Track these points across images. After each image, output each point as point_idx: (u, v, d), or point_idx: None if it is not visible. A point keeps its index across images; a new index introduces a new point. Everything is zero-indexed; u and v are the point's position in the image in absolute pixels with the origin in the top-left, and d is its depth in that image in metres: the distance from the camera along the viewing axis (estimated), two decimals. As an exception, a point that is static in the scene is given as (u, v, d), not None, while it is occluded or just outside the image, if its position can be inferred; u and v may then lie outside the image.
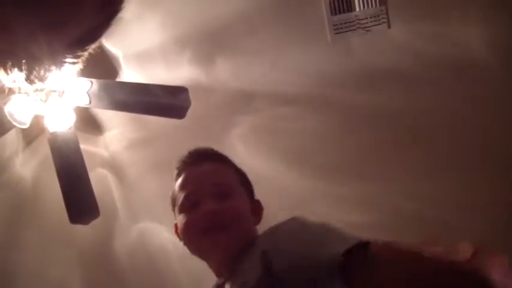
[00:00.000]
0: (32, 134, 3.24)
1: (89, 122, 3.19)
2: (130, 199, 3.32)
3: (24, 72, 1.27)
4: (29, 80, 1.28)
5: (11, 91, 2.39)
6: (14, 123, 2.47)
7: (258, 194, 2.28)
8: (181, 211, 1.60)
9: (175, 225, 1.68)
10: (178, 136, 3.14)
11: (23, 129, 2.96)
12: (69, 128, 2.59)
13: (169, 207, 2.83)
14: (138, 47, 3.03)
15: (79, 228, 2.93)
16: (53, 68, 1.31)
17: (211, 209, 1.49)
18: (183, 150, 3.12)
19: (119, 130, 3.29)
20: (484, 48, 2.79)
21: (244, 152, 3.16)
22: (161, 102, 2.50)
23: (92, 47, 1.37)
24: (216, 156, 1.75)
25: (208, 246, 1.50)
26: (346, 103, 3.01)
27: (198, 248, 1.54)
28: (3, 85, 1.50)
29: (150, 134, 3.23)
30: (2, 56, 1.24)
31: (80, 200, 2.71)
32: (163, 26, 2.97)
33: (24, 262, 3.36)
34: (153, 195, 3.25)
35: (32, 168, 3.38)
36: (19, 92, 2.46)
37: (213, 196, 1.53)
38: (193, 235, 1.52)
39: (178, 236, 1.64)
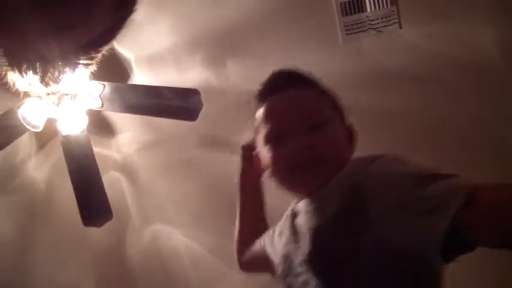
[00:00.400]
0: (45, 138, 3.26)
1: (101, 125, 3.20)
2: (143, 201, 3.33)
3: (38, 74, 1.28)
4: (43, 82, 1.29)
5: (26, 94, 2.41)
6: (27, 127, 2.48)
7: (268, 196, 2.29)
8: (266, 142, 1.45)
9: (256, 155, 1.57)
10: (190, 138, 3.15)
11: (36, 133, 2.98)
12: (82, 131, 2.60)
13: (181, 209, 2.85)
14: (150, 50, 3.05)
15: (92, 230, 2.94)
16: (67, 70, 1.32)
17: (305, 143, 1.34)
18: (196, 153, 3.14)
19: (131, 133, 3.30)
20: (495, 50, 2.78)
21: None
22: (173, 104, 2.50)
23: (105, 49, 1.38)
24: (303, 80, 1.57)
25: (303, 182, 1.37)
26: (357, 104, 3.00)
27: (290, 184, 1.41)
28: (18, 89, 1.51)
29: (162, 137, 3.23)
30: (17, 59, 1.25)
31: (93, 202, 2.72)
32: (175, 28, 2.98)
33: (38, 265, 3.37)
34: (166, 197, 3.26)
35: (45, 171, 3.40)
36: (32, 96, 2.48)
37: (304, 128, 1.38)
38: (285, 170, 1.38)
39: (257, 166, 1.54)
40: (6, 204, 3.40)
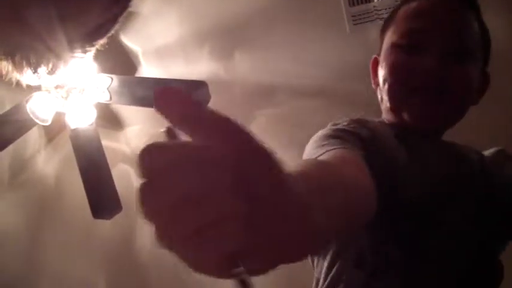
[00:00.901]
0: (54, 131, 3.27)
1: (109, 118, 3.21)
2: (152, 194, 3.33)
3: (32, 66, 1.28)
4: (36, 73, 1.29)
5: (28, 86, 2.42)
6: (36, 121, 2.49)
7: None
8: (395, 46, 1.28)
9: (375, 59, 1.44)
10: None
11: (44, 127, 2.99)
12: (90, 124, 2.60)
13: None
14: (157, 43, 3.04)
15: (102, 223, 2.94)
16: (61, 62, 1.32)
17: (439, 69, 1.20)
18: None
19: (140, 125, 3.30)
20: (507, 39, 2.76)
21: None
22: (181, 97, 2.50)
23: (100, 43, 1.38)
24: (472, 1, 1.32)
25: (414, 111, 1.25)
26: (365, 95, 2.99)
27: (399, 104, 1.29)
28: (19, 80, 1.52)
29: (170, 129, 3.23)
30: (11, 50, 1.25)
31: (102, 195, 2.73)
32: (182, 21, 2.98)
33: (48, 259, 3.39)
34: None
35: (54, 165, 3.40)
36: (41, 90, 2.49)
37: (448, 52, 1.22)
38: (406, 87, 1.25)
39: (374, 69, 1.41)
40: (16, 199, 3.42)
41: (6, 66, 1.45)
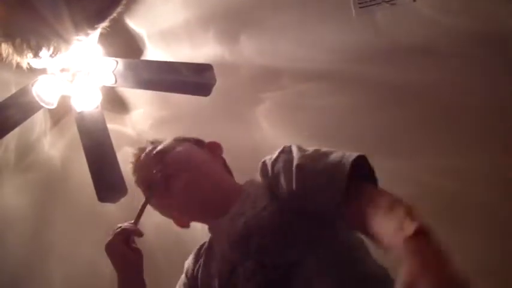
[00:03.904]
0: (59, 115, 3.27)
1: (115, 101, 3.21)
2: (158, 177, 3.34)
3: (32, 49, 1.28)
4: (37, 56, 1.29)
5: (33, 70, 2.43)
6: (42, 104, 2.49)
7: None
8: (147, 194, 1.74)
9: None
10: (204, 113, 3.14)
11: (50, 110, 2.99)
12: (96, 108, 2.61)
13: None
14: (162, 26, 3.04)
15: (107, 207, 2.95)
16: (63, 45, 1.32)
17: (155, 171, 1.61)
18: (209, 127, 3.14)
19: (145, 109, 3.30)
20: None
21: (269, 129, 3.16)
22: (186, 80, 2.50)
23: (102, 26, 1.38)
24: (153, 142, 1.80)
25: (175, 199, 1.62)
26: (371, 78, 2.99)
27: (177, 209, 1.71)
28: (20, 63, 1.51)
29: (176, 112, 3.24)
30: (11, 33, 1.25)
31: (107, 178, 2.74)
32: (187, 3, 2.97)
33: (55, 240, 3.41)
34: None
35: (60, 148, 3.41)
36: (46, 73, 2.49)
37: (154, 167, 1.62)
38: (163, 205, 1.73)
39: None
40: (22, 181, 3.43)
41: (6, 49, 1.45)
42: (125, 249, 1.61)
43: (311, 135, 3.10)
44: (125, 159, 3.05)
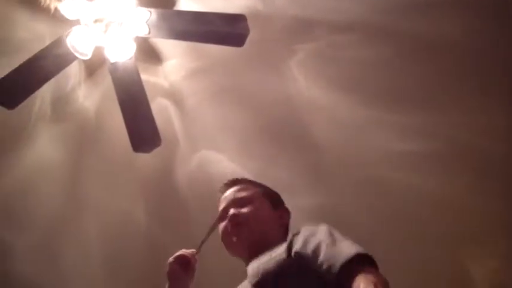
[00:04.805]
0: (93, 66, 3.29)
1: (148, 52, 3.21)
2: (191, 128, 3.35)
3: None
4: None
5: (67, 21, 2.44)
6: (76, 55, 2.51)
7: (315, 124, 2.29)
8: (220, 222, 2.06)
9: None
10: (237, 64, 3.14)
11: (84, 61, 3.01)
12: (130, 58, 2.62)
13: (229, 136, 2.90)
14: (197, -24, 3.02)
15: (141, 157, 2.99)
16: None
17: (231, 213, 1.99)
18: (242, 79, 3.14)
19: (178, 60, 3.30)
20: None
21: (302, 80, 3.15)
22: (220, 30, 2.49)
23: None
24: (239, 181, 2.19)
25: (233, 242, 1.98)
26: (405, 31, 2.95)
27: (229, 245, 2.02)
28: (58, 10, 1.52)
29: (209, 63, 3.23)
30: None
31: (142, 128, 2.76)
32: (220, -47, 2.95)
33: (90, 191, 3.45)
34: (213, 124, 3.28)
35: (94, 99, 3.44)
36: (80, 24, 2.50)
37: (235, 206, 2.02)
38: (225, 236, 2.01)
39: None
40: (58, 132, 3.47)
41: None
42: (176, 268, 2.03)
43: (343, 87, 3.09)
44: (159, 109, 3.08)
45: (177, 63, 3.32)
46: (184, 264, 2.02)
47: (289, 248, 1.72)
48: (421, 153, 2.88)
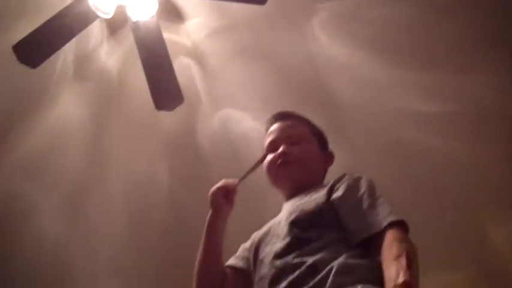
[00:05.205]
0: (116, 25, 3.28)
1: (170, 11, 3.20)
2: (213, 87, 3.35)
3: None
4: None
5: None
6: (98, 14, 2.50)
7: (337, 83, 2.28)
8: (267, 153, 2.08)
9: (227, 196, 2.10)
10: (259, 23, 3.12)
11: (106, 20, 3.00)
12: (152, 17, 2.61)
13: (251, 95, 2.89)
14: None
15: (164, 115, 3.00)
16: None
17: (283, 150, 2.02)
18: (265, 38, 3.12)
19: (200, 18, 3.29)
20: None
21: (324, 39, 3.12)
22: (242, -12, 2.48)
23: None
24: (292, 115, 2.19)
25: (279, 177, 2.03)
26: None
27: (273, 179, 2.06)
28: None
29: (231, 22, 3.22)
30: None
31: (164, 86, 2.77)
32: None
33: (113, 150, 3.47)
34: (235, 82, 3.28)
35: (116, 58, 3.44)
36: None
37: (286, 142, 2.04)
38: (271, 169, 2.04)
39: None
40: (80, 91, 3.49)
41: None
42: (219, 198, 2.02)
43: (366, 47, 3.06)
44: (181, 68, 3.07)
45: (200, 21, 3.31)
46: (226, 195, 2.04)
47: (329, 193, 1.80)
48: (444, 114, 2.85)
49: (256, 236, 1.99)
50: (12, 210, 3.38)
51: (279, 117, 2.18)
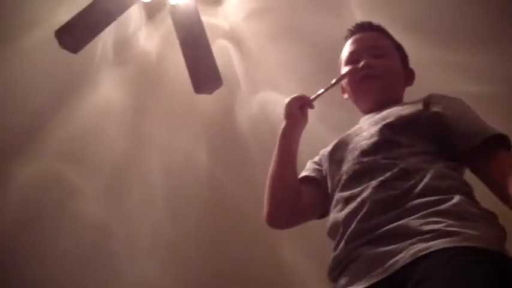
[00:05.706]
0: (154, 8, 3.31)
1: (208, -7, 3.22)
2: (251, 69, 3.35)
3: None
4: None
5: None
6: (137, -3, 2.53)
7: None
8: (346, 64, 2.00)
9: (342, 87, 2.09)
10: (296, 4, 3.12)
11: (145, 3, 3.03)
12: (190, 0, 2.62)
13: (289, 77, 2.88)
14: None
15: (203, 98, 3.02)
16: None
17: (367, 62, 1.91)
18: (302, 19, 3.11)
19: (238, 0, 3.30)
20: None
21: (362, 19, 3.10)
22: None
23: None
24: (374, 26, 2.07)
25: (361, 91, 1.96)
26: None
27: (352, 92, 1.99)
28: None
29: (268, 4, 3.22)
30: None
31: (203, 70, 2.79)
32: None
33: (152, 132, 3.50)
34: (273, 64, 3.28)
35: (155, 41, 3.47)
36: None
37: (369, 54, 1.94)
38: (353, 81, 1.95)
39: (343, 90, 2.08)
40: (120, 75, 3.52)
41: None
42: (296, 109, 1.94)
43: (403, 27, 3.04)
44: (219, 51, 3.09)
45: (237, 4, 3.31)
46: (302, 107, 1.96)
47: (426, 105, 1.74)
48: (482, 94, 2.81)
49: (325, 150, 1.92)
50: (55, 191, 3.42)
51: (362, 27, 2.07)
